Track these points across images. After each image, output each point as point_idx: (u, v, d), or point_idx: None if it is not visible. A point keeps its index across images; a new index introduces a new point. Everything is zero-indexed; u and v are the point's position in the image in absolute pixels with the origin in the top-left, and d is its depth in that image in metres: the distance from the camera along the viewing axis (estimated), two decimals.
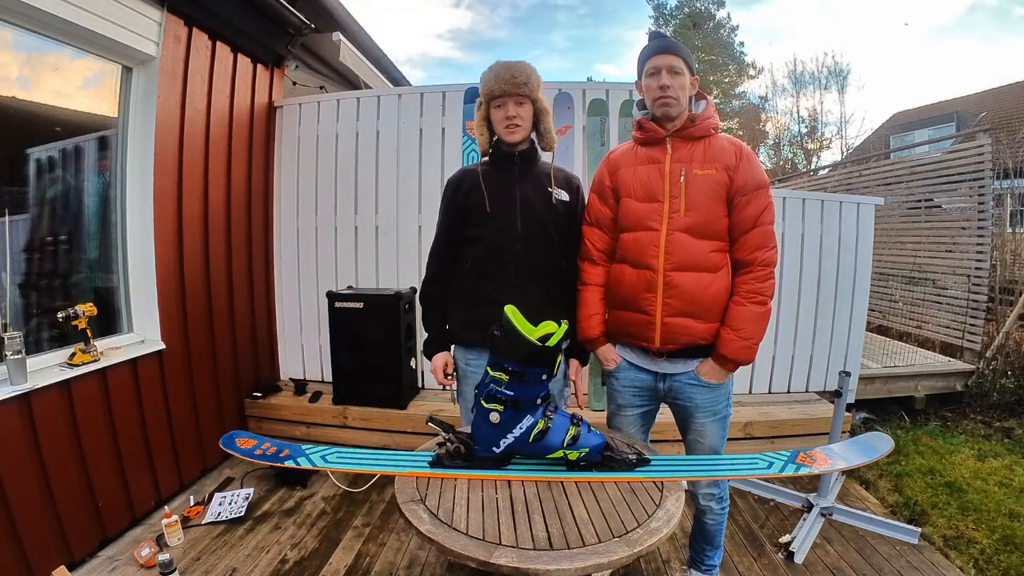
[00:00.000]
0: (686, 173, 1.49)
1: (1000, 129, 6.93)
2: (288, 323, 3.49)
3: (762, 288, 1.49)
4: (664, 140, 1.54)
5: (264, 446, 1.38)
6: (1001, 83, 15.04)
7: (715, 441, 1.62)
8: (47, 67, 2.21)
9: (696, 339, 1.51)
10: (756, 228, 1.49)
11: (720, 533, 1.79)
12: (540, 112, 1.62)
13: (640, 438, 1.69)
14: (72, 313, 2.12)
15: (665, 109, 1.50)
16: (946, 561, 2.17)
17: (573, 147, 3.11)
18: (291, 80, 3.85)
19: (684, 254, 1.48)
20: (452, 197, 1.68)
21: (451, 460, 1.31)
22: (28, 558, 1.88)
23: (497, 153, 1.66)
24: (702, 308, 1.49)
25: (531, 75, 1.57)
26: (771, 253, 1.51)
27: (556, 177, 1.68)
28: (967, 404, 3.95)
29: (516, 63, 1.57)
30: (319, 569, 2.12)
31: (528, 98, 1.57)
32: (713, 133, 1.54)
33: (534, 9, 45.98)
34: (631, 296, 1.55)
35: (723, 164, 1.49)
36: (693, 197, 1.48)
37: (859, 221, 3.30)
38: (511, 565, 0.98)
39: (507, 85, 1.54)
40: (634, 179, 1.56)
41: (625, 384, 1.65)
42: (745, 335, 1.48)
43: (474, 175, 1.66)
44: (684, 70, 1.49)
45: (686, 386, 1.57)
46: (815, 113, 19.83)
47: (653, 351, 1.55)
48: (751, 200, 1.48)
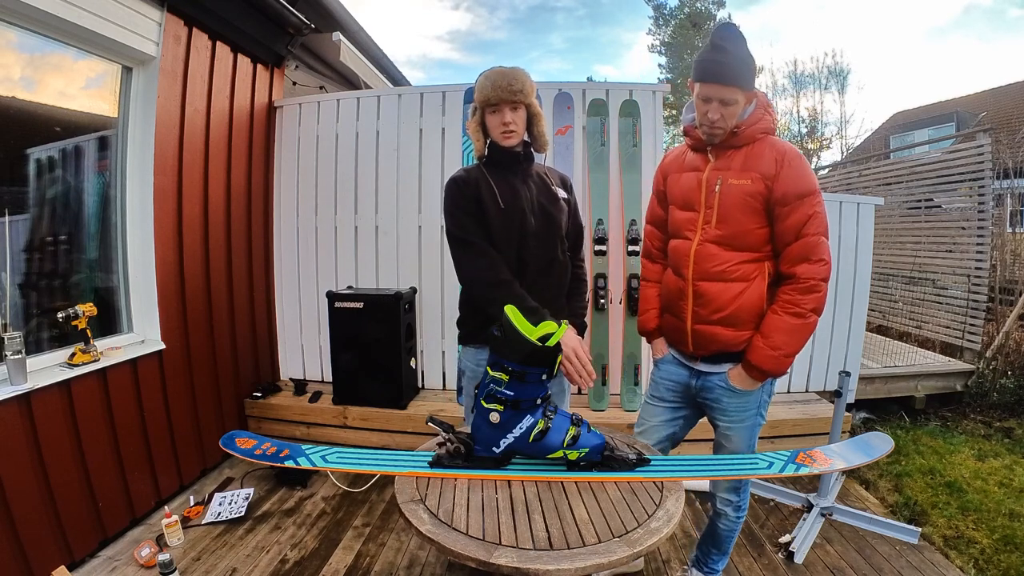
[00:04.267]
0: (722, 182, 1.46)
1: (1000, 129, 6.93)
2: (288, 323, 3.49)
3: (801, 300, 1.41)
4: (708, 148, 1.52)
5: (264, 446, 1.38)
6: (1000, 83, 15.05)
7: (740, 447, 1.59)
8: (49, 67, 2.21)
9: (727, 346, 1.50)
10: (799, 240, 1.41)
11: (730, 540, 1.77)
12: (533, 116, 1.63)
13: (663, 443, 1.70)
14: (72, 313, 2.12)
15: (711, 137, 1.47)
16: (946, 561, 2.17)
17: (573, 147, 3.12)
18: (291, 80, 3.85)
19: (710, 264, 1.48)
20: (462, 193, 1.61)
21: (451, 460, 1.31)
22: (28, 558, 1.88)
23: (497, 154, 1.64)
24: (731, 316, 1.47)
25: (526, 82, 1.58)
26: (816, 267, 1.41)
27: (552, 176, 1.72)
28: (967, 404, 3.95)
29: (511, 71, 1.58)
30: (319, 569, 2.12)
31: (523, 104, 1.58)
32: (761, 137, 1.46)
33: (533, 11, 46.07)
34: (671, 302, 1.60)
35: (760, 173, 1.42)
36: (725, 208, 1.45)
37: (859, 221, 3.30)
38: (511, 565, 0.98)
39: (504, 93, 1.54)
40: (677, 187, 1.58)
41: (663, 376, 1.69)
42: (773, 344, 1.43)
43: (479, 173, 1.64)
44: (738, 97, 1.39)
45: (716, 387, 1.57)
46: (815, 113, 19.84)
47: (689, 354, 1.60)
48: (793, 211, 1.40)
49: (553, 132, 3.09)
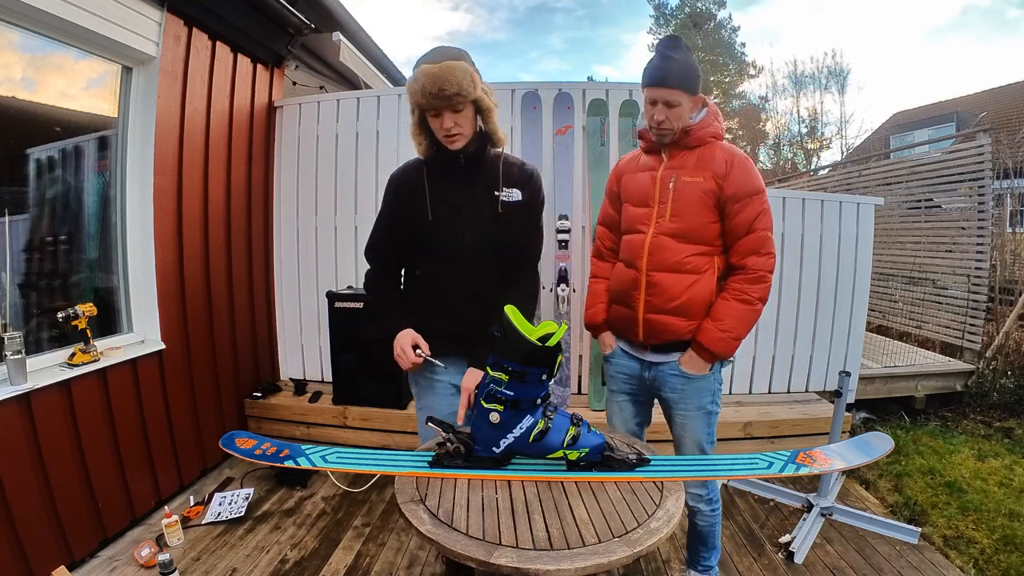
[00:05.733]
0: (675, 180, 1.56)
1: (1000, 129, 6.93)
2: (288, 323, 3.49)
3: (749, 288, 1.53)
4: (661, 149, 1.61)
5: (264, 446, 1.38)
6: (1000, 83, 15.05)
7: (699, 435, 1.65)
8: (50, 68, 2.21)
9: (677, 336, 1.58)
10: (750, 234, 1.53)
11: (712, 534, 1.80)
12: (484, 111, 1.45)
13: (633, 428, 1.77)
14: (72, 313, 2.12)
15: (660, 137, 1.57)
16: (946, 561, 2.17)
17: (573, 147, 3.12)
18: (291, 80, 3.85)
19: (664, 256, 1.56)
20: (396, 194, 1.57)
21: (451, 460, 1.31)
22: (28, 558, 1.88)
23: (440, 156, 1.51)
24: (682, 307, 1.55)
25: (462, 80, 1.36)
26: (765, 259, 1.54)
27: (507, 176, 1.54)
28: (967, 404, 3.95)
29: (441, 70, 1.35)
30: (319, 569, 2.12)
31: (466, 102, 1.40)
32: (711, 141, 1.56)
33: (532, 12, 46.11)
34: (623, 292, 1.65)
35: (712, 172, 1.53)
36: (679, 203, 1.55)
37: (859, 221, 3.30)
38: (511, 565, 0.98)
39: (436, 100, 1.37)
40: (632, 185, 1.65)
41: (617, 370, 1.75)
42: (723, 327, 1.52)
43: (418, 175, 1.53)
44: (682, 100, 1.49)
45: (668, 376, 1.63)
46: (815, 113, 19.85)
47: (639, 344, 1.65)
48: (743, 208, 1.52)
49: (553, 132, 3.10)
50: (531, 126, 3.10)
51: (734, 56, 22.71)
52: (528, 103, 3.09)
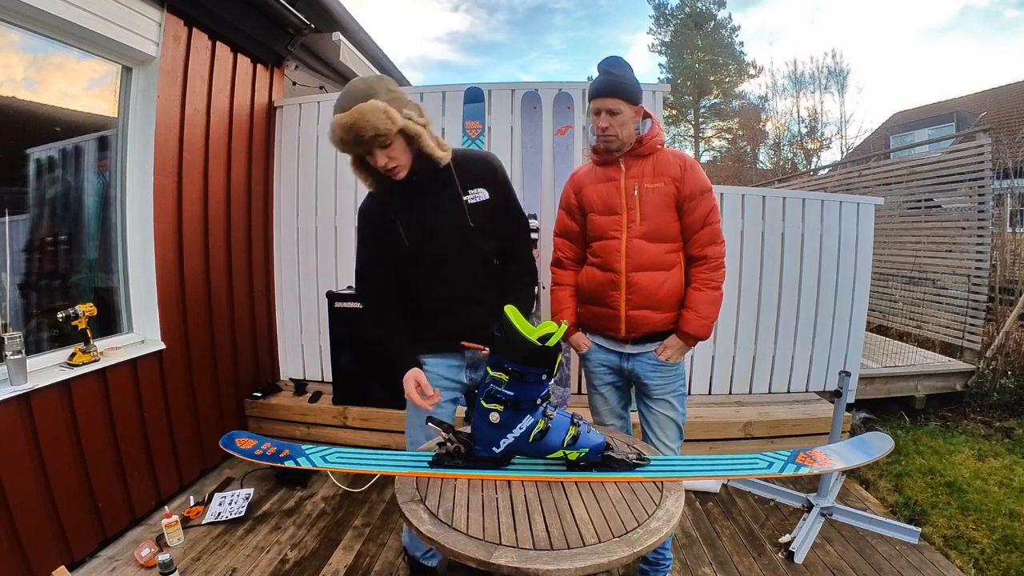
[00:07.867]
0: (639, 188, 1.70)
1: (1000, 129, 6.93)
2: (288, 323, 3.49)
3: (714, 276, 1.71)
4: (618, 160, 1.73)
5: (264, 446, 1.38)
6: (1000, 83, 15.06)
7: (676, 415, 1.79)
8: (51, 68, 2.21)
9: (654, 328, 1.73)
10: (705, 228, 1.70)
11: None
12: (413, 138, 1.40)
13: (620, 411, 1.90)
14: (72, 313, 2.12)
15: (606, 144, 1.71)
16: (946, 561, 2.17)
17: (573, 147, 3.12)
18: (291, 80, 3.85)
19: (642, 257, 1.69)
20: (370, 228, 1.59)
21: (451, 460, 1.31)
22: (28, 558, 1.88)
23: (392, 184, 1.48)
24: (658, 302, 1.70)
25: (376, 122, 1.29)
26: (721, 247, 1.73)
27: (466, 178, 1.53)
28: (967, 404, 3.95)
29: (352, 118, 1.29)
30: (319, 569, 2.12)
31: (390, 137, 1.34)
32: (659, 149, 1.72)
33: (531, 12, 46.16)
34: (600, 293, 1.76)
35: (670, 177, 1.68)
36: (646, 208, 1.69)
37: (859, 221, 3.30)
38: (511, 565, 0.98)
39: (356, 147, 1.35)
40: (595, 196, 1.76)
41: (596, 364, 1.86)
42: (703, 315, 1.70)
43: (380, 207, 1.54)
44: (623, 108, 1.62)
45: (645, 365, 1.77)
46: (815, 113, 19.84)
47: (619, 339, 1.77)
48: (698, 205, 1.69)
49: (553, 132, 3.10)
50: (531, 126, 3.10)
51: (734, 56, 22.70)
52: (528, 103, 3.10)
